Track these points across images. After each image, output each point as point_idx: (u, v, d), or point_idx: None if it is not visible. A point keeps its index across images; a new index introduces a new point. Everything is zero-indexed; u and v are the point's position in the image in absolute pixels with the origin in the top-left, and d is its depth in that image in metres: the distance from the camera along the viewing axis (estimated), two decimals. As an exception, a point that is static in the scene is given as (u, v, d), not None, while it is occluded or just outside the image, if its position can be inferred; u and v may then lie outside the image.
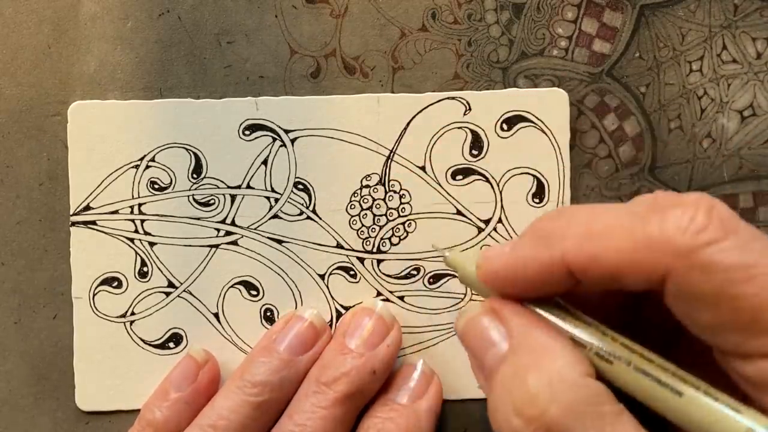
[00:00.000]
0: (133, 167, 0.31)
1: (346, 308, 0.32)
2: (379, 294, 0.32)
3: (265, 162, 0.31)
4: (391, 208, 0.32)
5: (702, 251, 0.19)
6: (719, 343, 0.20)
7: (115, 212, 0.31)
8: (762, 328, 0.19)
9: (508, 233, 0.32)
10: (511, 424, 0.20)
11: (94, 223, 0.31)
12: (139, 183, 0.31)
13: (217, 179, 0.31)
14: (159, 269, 0.31)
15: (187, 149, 0.31)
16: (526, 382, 0.20)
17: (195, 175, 0.31)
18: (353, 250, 0.32)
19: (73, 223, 0.31)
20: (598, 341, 0.21)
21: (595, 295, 0.24)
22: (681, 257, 0.19)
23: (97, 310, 0.31)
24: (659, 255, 0.20)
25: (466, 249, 0.30)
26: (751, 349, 0.19)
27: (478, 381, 0.23)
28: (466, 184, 0.32)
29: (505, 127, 0.32)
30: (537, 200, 0.32)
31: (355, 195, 0.31)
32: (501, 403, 0.21)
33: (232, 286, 0.31)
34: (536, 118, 0.31)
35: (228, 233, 0.31)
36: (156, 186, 0.31)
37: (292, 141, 0.31)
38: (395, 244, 0.31)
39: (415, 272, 0.32)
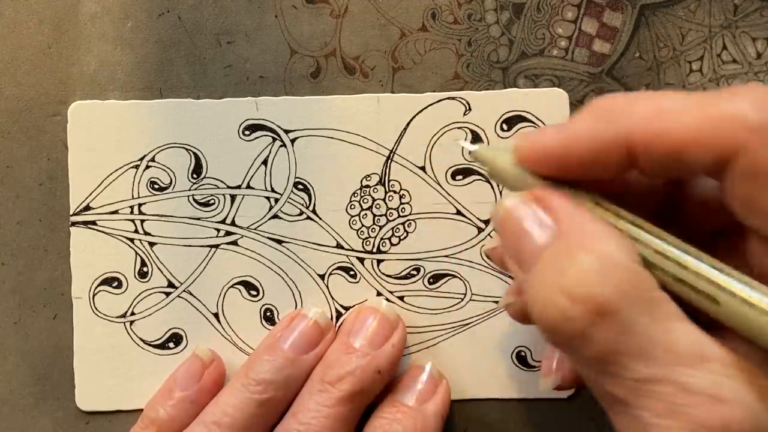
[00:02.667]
0: (133, 167, 0.31)
1: (346, 308, 0.32)
2: (379, 294, 0.32)
3: (265, 162, 0.31)
4: (391, 208, 0.32)
5: None
6: None
7: (115, 212, 0.31)
8: None
9: (508, 233, 0.31)
10: (557, 305, 0.20)
11: (94, 223, 0.31)
12: (139, 183, 0.31)
13: (217, 179, 0.31)
14: (159, 269, 0.31)
15: (187, 149, 0.31)
16: (576, 261, 0.20)
17: (195, 175, 0.31)
18: (353, 250, 0.32)
19: (73, 223, 0.31)
20: (639, 243, 0.21)
21: (632, 193, 0.23)
22: (754, 132, 0.19)
23: (97, 310, 0.31)
24: (732, 129, 0.19)
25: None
26: None
27: (510, 270, 0.22)
28: (466, 184, 0.32)
29: (505, 127, 0.32)
30: (537, 200, 0.32)
31: (355, 195, 0.32)
32: (546, 285, 0.20)
33: (232, 286, 0.31)
34: (536, 118, 0.31)
35: (228, 233, 0.31)
36: (156, 186, 0.31)
37: (292, 141, 0.31)
38: (395, 244, 0.31)
39: (415, 272, 0.32)
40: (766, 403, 0.19)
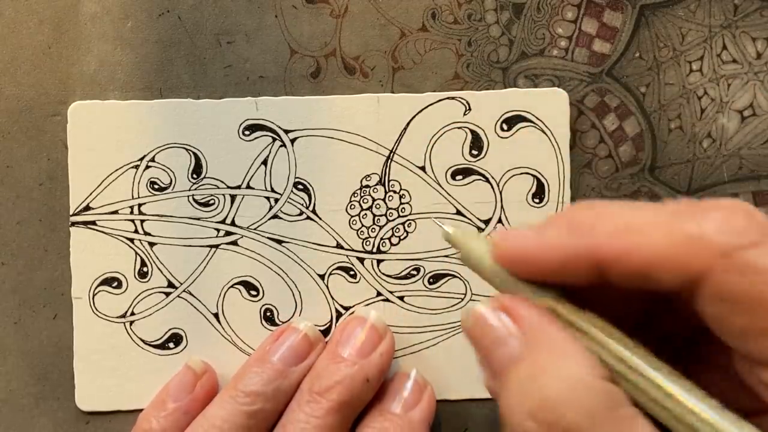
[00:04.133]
0: (133, 167, 0.31)
1: (346, 308, 0.32)
2: (379, 294, 0.32)
3: (265, 162, 0.31)
4: (391, 208, 0.32)
5: (742, 253, 0.19)
6: (750, 349, 0.19)
7: (115, 212, 0.31)
8: None
9: (508, 233, 0.31)
10: (525, 428, 0.20)
11: (93, 223, 0.31)
12: (138, 183, 0.31)
13: (217, 179, 0.31)
14: (159, 269, 0.31)
15: (187, 149, 0.31)
16: (543, 384, 0.20)
17: (195, 175, 0.31)
18: (353, 250, 0.32)
19: (73, 223, 0.31)
20: (607, 355, 0.21)
21: (606, 299, 0.23)
22: (721, 257, 0.19)
23: (97, 310, 0.31)
24: (699, 253, 0.19)
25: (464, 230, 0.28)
26: None
27: (484, 378, 0.23)
28: (466, 184, 0.32)
29: (505, 127, 0.32)
30: (537, 200, 0.32)
31: (355, 195, 0.32)
32: (515, 406, 0.20)
33: (232, 286, 0.31)
34: (536, 118, 0.31)
35: (228, 233, 0.31)
36: (156, 186, 0.31)
37: (292, 141, 0.31)
38: (395, 244, 0.31)
39: (415, 272, 0.32)
40: None
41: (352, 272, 0.32)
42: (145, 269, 0.31)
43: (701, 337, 0.21)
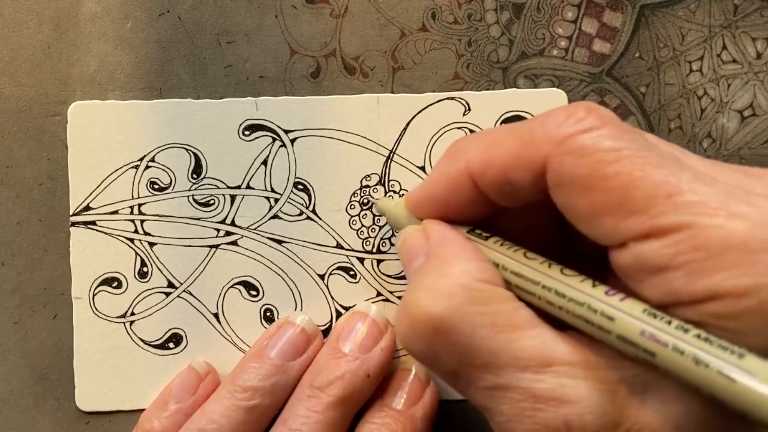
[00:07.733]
0: (132, 167, 0.31)
1: (346, 308, 0.32)
2: (379, 294, 0.32)
3: (264, 162, 0.31)
4: (391, 208, 0.32)
5: (576, 137, 0.20)
6: (598, 233, 0.20)
7: (115, 212, 0.31)
8: (631, 207, 0.19)
9: (508, 233, 0.31)
10: (400, 326, 0.22)
11: (93, 223, 0.31)
12: (138, 183, 0.31)
13: (217, 179, 0.31)
14: (159, 269, 0.31)
15: (187, 149, 0.31)
16: (419, 285, 0.22)
17: (195, 176, 0.31)
18: (353, 250, 0.32)
19: (73, 223, 0.31)
20: (500, 263, 0.23)
21: (532, 229, 0.25)
22: (556, 144, 0.20)
23: (97, 310, 0.31)
24: (538, 146, 0.21)
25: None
26: (623, 232, 0.20)
27: None
28: (466, 184, 0.32)
29: (505, 127, 0.32)
30: (537, 200, 0.32)
31: (355, 195, 0.32)
32: (398, 309, 0.22)
33: (232, 287, 0.31)
34: (536, 118, 0.31)
35: (228, 233, 0.31)
36: (156, 186, 0.31)
37: (292, 141, 0.31)
38: (395, 245, 0.31)
39: (415, 272, 0.32)
40: (612, 396, 0.20)
41: (352, 272, 0.32)
42: (145, 269, 0.31)
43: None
